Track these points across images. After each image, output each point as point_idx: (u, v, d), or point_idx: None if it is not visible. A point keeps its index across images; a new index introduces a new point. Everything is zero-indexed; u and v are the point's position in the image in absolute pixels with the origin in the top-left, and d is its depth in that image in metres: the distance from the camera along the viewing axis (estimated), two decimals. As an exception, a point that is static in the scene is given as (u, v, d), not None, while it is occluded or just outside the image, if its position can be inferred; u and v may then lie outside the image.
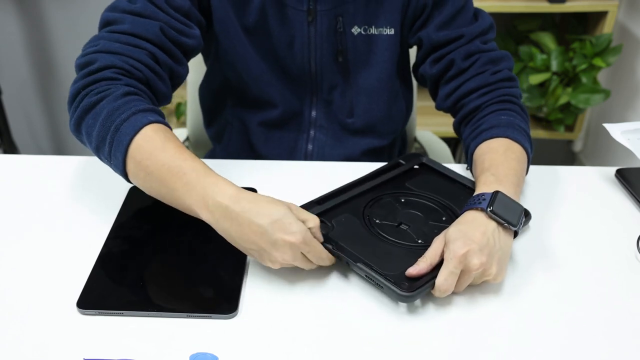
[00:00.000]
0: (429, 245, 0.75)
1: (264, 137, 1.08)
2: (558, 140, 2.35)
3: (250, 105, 1.06)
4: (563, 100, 1.93)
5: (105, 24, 0.88)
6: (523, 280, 0.77)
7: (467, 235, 0.72)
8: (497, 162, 0.85)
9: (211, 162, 0.99)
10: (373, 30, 1.00)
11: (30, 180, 0.94)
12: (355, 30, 0.99)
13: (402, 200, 0.87)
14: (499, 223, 0.75)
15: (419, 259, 0.73)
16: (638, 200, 0.91)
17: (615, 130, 0.96)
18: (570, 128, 2.08)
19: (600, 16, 1.90)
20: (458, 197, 0.88)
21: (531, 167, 0.99)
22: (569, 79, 1.94)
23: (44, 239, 0.82)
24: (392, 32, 1.00)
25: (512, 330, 0.70)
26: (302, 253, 0.72)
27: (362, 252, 0.76)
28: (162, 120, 0.80)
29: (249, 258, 0.79)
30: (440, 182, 0.93)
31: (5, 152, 2.10)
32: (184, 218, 0.83)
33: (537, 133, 2.07)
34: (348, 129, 1.08)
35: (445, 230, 0.75)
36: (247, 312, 0.72)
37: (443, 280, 0.70)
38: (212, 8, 0.96)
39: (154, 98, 0.87)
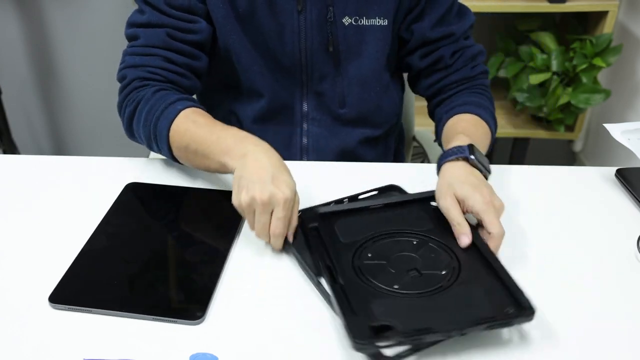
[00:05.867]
0: (404, 291, 0.71)
1: (259, 134, 1.08)
2: (558, 140, 2.35)
3: (241, 97, 1.07)
4: (563, 100, 1.93)
5: (128, 40, 0.99)
6: (522, 280, 0.77)
7: (472, 184, 0.79)
8: (470, 130, 0.94)
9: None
10: (364, 21, 1.00)
11: (30, 180, 0.94)
12: (346, 20, 0.99)
13: (415, 243, 0.79)
14: (478, 169, 0.83)
15: (459, 232, 0.76)
16: (638, 200, 0.91)
17: (616, 130, 0.96)
18: (570, 128, 2.08)
19: (600, 16, 1.90)
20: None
21: (531, 167, 0.99)
22: (569, 79, 1.94)
23: (43, 239, 0.82)
24: (385, 22, 1.01)
25: (512, 330, 0.70)
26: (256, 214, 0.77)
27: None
28: (189, 104, 0.90)
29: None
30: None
31: (5, 152, 2.10)
32: (173, 218, 0.83)
33: (537, 133, 2.07)
34: (341, 119, 1.08)
35: (445, 192, 0.79)
36: (247, 312, 0.72)
37: (499, 225, 0.76)
38: None
39: (182, 91, 0.97)
